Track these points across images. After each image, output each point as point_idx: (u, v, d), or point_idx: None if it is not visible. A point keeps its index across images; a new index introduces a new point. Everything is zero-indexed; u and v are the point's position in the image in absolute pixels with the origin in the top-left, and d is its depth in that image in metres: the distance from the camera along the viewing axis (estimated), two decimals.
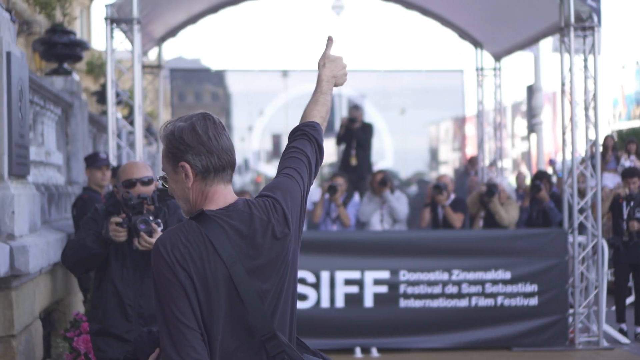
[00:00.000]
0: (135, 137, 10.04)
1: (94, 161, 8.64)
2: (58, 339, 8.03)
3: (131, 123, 10.34)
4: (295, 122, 3.46)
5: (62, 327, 8.26)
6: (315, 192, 11.33)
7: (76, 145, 10.65)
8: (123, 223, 5.26)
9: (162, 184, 2.96)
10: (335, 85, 3.42)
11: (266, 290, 2.83)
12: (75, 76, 10.96)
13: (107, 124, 13.74)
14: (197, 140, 2.81)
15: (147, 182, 5.39)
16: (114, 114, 10.16)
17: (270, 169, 21.21)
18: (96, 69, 20.57)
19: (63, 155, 10.22)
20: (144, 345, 3.04)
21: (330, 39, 3.42)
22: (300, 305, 9.01)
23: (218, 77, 21.53)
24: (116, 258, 5.38)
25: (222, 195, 2.89)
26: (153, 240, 5.14)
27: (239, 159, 24.39)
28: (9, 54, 6.62)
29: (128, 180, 5.37)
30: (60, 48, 10.75)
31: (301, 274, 8.99)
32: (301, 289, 9.02)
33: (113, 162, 9.37)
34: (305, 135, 3.24)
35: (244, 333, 2.79)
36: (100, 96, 16.45)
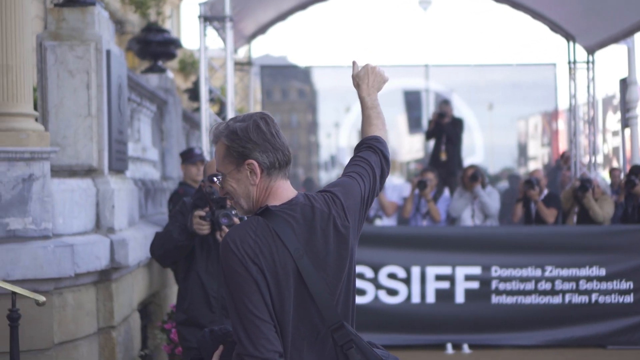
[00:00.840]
0: None
1: (189, 157, 8.82)
2: (155, 330, 8.21)
3: (223, 119, 10.49)
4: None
5: (159, 319, 8.45)
6: (405, 188, 11.33)
7: (170, 141, 10.87)
8: (206, 216, 5.42)
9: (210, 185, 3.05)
10: (379, 90, 3.44)
11: (331, 282, 2.91)
12: (170, 74, 11.18)
13: (199, 121, 13.99)
14: (263, 137, 2.90)
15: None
16: (207, 110, 10.32)
17: None
18: (188, 67, 20.91)
19: (158, 151, 10.45)
20: (207, 344, 3.09)
21: (354, 63, 3.50)
22: (391, 300, 9.03)
23: (304, 74, 21.60)
24: (201, 250, 5.52)
25: (285, 190, 2.97)
26: None
27: (325, 156, 24.56)
28: (108, 52, 6.81)
29: (212, 175, 5.47)
30: (155, 46, 10.99)
31: (392, 269, 9.00)
32: (392, 284, 9.03)
33: (207, 157, 9.53)
34: (369, 148, 3.31)
35: (311, 324, 2.86)
36: (192, 93, 16.73)
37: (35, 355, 5.91)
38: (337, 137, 20.73)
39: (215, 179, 3.02)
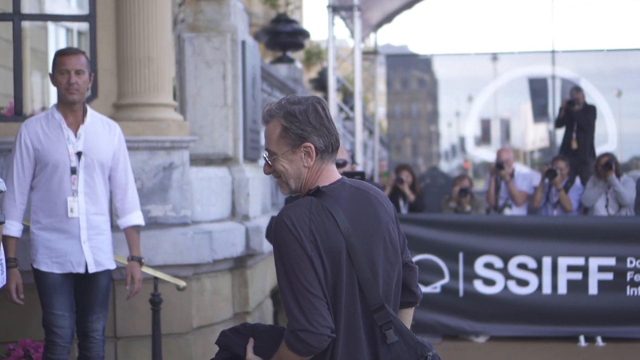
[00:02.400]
0: (355, 122, 10.24)
1: None
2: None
3: (351, 108, 10.54)
4: (505, 107, 3.41)
5: None
6: (535, 177, 11.12)
7: None
8: None
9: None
10: None
11: (375, 262, 2.97)
12: (298, 64, 11.30)
13: None
14: (320, 122, 2.95)
15: (342, 164, 5.63)
16: (334, 99, 10.38)
17: (479, 154, 20.96)
18: (312, 57, 21.09)
19: None
20: (234, 340, 3.16)
21: None
22: (521, 290, 8.88)
23: (425, 63, 21.43)
24: None
25: (332, 172, 3.02)
26: None
27: (446, 145, 24.28)
28: (244, 43, 6.93)
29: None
30: (284, 37, 11.12)
31: (522, 259, 8.86)
32: (522, 274, 8.88)
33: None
34: None
35: (357, 303, 2.91)
36: (317, 83, 16.85)
37: (175, 338, 6.10)
38: (458, 127, 20.53)
39: (264, 157, 3.04)
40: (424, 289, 8.33)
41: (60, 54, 5.02)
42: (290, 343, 2.83)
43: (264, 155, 3.02)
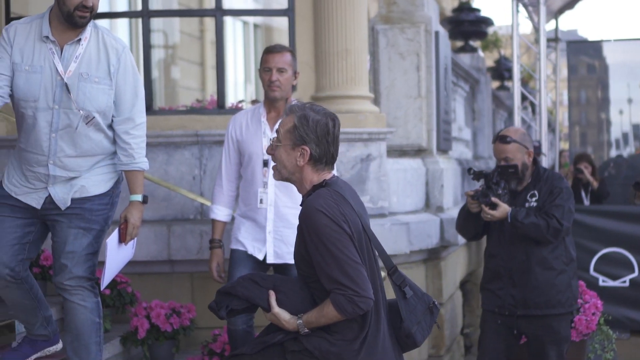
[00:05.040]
0: (540, 112, 10.01)
1: None
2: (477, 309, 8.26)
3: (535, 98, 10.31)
4: None
5: (474, 298, 8.49)
6: None
7: (482, 120, 10.86)
8: (475, 195, 5.49)
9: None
10: None
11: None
12: (480, 53, 11.16)
13: (504, 100, 13.87)
14: (325, 135, 3.37)
15: (508, 141, 5.49)
16: (519, 88, 10.18)
17: None
18: (490, 45, 20.80)
19: (470, 130, 10.47)
20: (251, 291, 3.41)
21: None
22: None
23: (594, 49, 20.71)
24: (495, 223, 5.55)
25: (329, 174, 3.46)
26: (495, 213, 5.40)
27: (617, 133, 23.40)
28: (437, 33, 6.90)
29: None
30: (467, 25, 11.01)
31: None
32: None
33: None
34: None
35: (375, 271, 3.38)
36: (494, 72, 16.59)
37: None
38: (630, 114, 19.78)
39: (271, 139, 3.40)
40: (612, 283, 8.07)
41: (265, 52, 5.13)
42: (341, 305, 3.22)
43: (272, 137, 3.47)
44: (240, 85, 14.12)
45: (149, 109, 6.36)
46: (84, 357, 4.51)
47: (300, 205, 3.41)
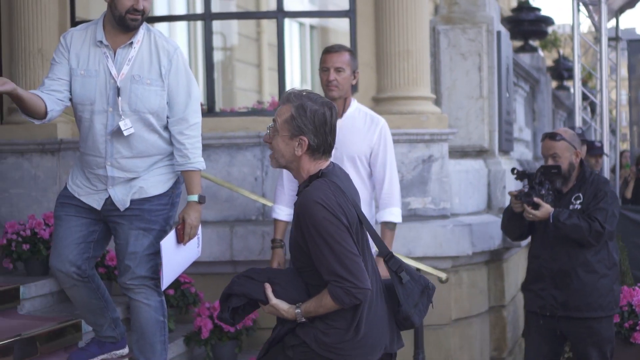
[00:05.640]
0: (602, 110, 9.87)
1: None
2: None
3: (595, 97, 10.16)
4: None
5: None
6: None
7: (542, 121, 10.75)
8: (518, 195, 5.43)
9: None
10: None
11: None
12: (540, 52, 11.04)
13: (563, 100, 13.70)
14: (322, 125, 3.34)
15: (558, 139, 5.43)
16: (579, 88, 10.04)
17: None
18: (548, 44, 20.55)
19: (530, 131, 10.38)
20: (247, 287, 3.41)
21: None
22: None
23: None
24: (540, 223, 5.49)
25: (325, 163, 3.43)
26: (537, 213, 5.33)
27: None
28: (499, 33, 6.86)
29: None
30: (527, 25, 10.90)
31: None
32: None
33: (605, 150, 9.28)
34: None
35: (369, 260, 3.42)
36: (553, 72, 16.40)
37: (435, 330, 6.13)
38: None
39: (269, 127, 3.41)
40: None
41: (324, 52, 5.13)
42: (338, 297, 3.25)
43: (269, 125, 3.41)
44: (296, 86, 14.16)
45: (211, 111, 6.44)
46: (149, 355, 4.57)
47: (297, 195, 3.42)
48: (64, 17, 6.50)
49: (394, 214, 5.13)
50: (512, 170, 5.60)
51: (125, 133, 4.32)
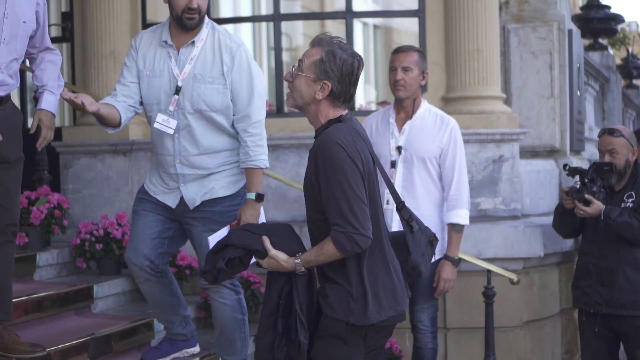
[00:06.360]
0: None
1: None
2: None
3: None
4: None
5: None
6: None
7: (612, 120, 10.57)
8: (570, 192, 5.39)
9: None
10: None
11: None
12: (610, 51, 10.86)
13: (632, 99, 13.46)
14: (349, 74, 3.35)
15: (617, 135, 5.37)
16: None
17: None
18: (617, 43, 20.20)
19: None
20: (246, 239, 3.40)
21: None
22: None
23: None
24: (590, 220, 5.45)
25: (342, 111, 3.44)
26: (588, 209, 5.27)
27: None
28: (570, 32, 6.77)
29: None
30: (596, 23, 10.73)
31: None
32: None
33: None
34: None
35: (379, 209, 3.44)
36: (622, 70, 16.10)
37: (505, 332, 6.06)
38: None
39: (293, 66, 3.42)
40: None
41: (393, 52, 5.11)
42: (340, 242, 3.24)
43: (294, 65, 3.41)
44: (359, 86, 14.13)
45: (280, 112, 6.46)
46: (229, 351, 4.65)
47: (315, 137, 3.41)
48: (135, 20, 6.60)
49: (460, 216, 5.05)
50: (564, 166, 5.55)
51: (188, 129, 4.37)
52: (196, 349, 4.90)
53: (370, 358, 3.47)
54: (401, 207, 3.58)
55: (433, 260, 5.02)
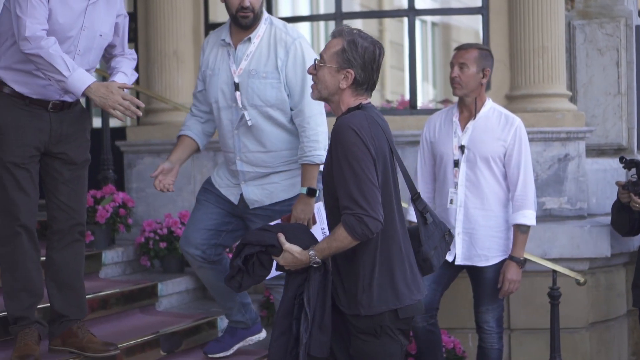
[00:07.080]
0: None
1: None
2: None
3: None
4: None
5: None
6: None
7: None
8: (626, 185, 5.30)
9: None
10: None
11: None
12: None
13: None
14: (371, 62, 3.39)
15: None
16: None
17: None
18: None
19: None
20: (262, 236, 3.43)
21: None
22: None
23: None
24: None
25: (364, 100, 3.48)
26: None
27: None
28: (637, 28, 6.65)
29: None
30: None
31: None
32: None
33: None
34: None
35: (393, 197, 3.42)
36: None
37: (571, 333, 5.97)
38: None
39: (315, 59, 3.47)
40: None
41: (455, 49, 5.06)
42: (350, 225, 3.26)
43: (316, 58, 3.49)
44: (418, 84, 14.10)
45: None
46: None
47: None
48: (197, 20, 6.65)
49: (526, 217, 4.96)
50: (621, 158, 5.43)
51: (249, 123, 4.41)
52: (262, 335, 4.89)
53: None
54: (416, 198, 3.61)
55: (498, 261, 5.00)
